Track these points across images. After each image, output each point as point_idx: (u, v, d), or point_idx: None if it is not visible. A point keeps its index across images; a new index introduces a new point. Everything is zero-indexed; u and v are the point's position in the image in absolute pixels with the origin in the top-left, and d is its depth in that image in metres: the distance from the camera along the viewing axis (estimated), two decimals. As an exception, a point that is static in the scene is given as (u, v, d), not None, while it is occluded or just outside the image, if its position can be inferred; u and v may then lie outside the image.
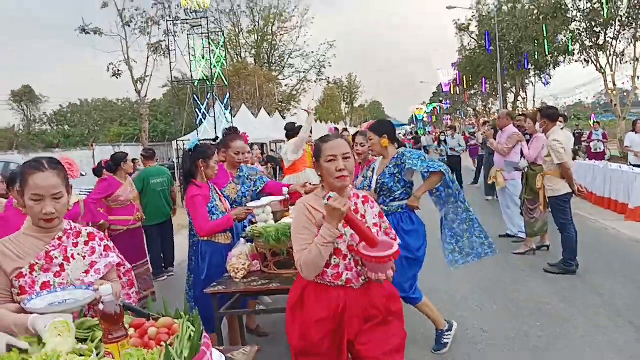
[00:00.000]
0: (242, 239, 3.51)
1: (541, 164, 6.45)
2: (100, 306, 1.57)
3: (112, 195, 5.36)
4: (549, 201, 5.91)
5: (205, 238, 3.57)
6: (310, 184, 4.34)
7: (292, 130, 6.79)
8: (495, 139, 7.69)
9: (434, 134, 53.40)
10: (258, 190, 4.11)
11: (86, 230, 2.11)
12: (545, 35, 21.77)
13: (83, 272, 2.02)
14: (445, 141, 15.09)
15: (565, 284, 5.33)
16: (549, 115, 5.89)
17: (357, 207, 2.33)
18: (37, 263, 1.95)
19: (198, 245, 3.64)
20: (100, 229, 5.30)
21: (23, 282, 1.92)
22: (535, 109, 7.41)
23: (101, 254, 2.10)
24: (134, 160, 8.18)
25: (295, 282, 2.38)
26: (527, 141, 7.05)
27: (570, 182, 5.63)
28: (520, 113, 16.59)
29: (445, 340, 3.95)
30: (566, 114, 43.85)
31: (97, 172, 6.82)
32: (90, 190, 8.86)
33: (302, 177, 6.54)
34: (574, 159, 9.16)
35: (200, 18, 16.54)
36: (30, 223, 2.02)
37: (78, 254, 2.04)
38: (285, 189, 3.88)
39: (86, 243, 2.08)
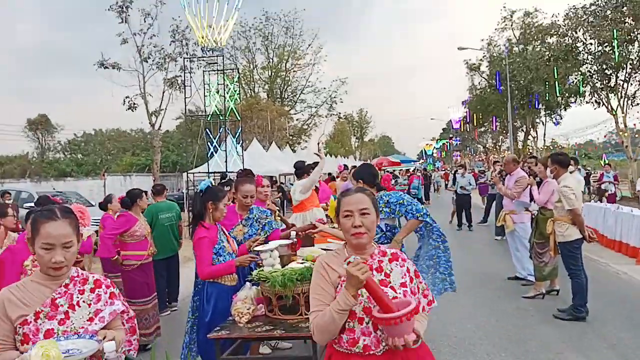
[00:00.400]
0: (247, 283, 3.50)
1: (551, 209, 6.42)
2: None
3: (129, 230, 5.42)
4: (559, 247, 5.85)
5: (211, 280, 3.57)
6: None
7: (301, 169, 6.81)
8: (503, 183, 7.70)
9: (443, 169, 53.48)
10: (266, 236, 4.10)
11: (93, 277, 2.13)
12: (556, 77, 21.93)
13: (87, 320, 2.02)
14: (455, 179, 15.17)
15: (576, 332, 5.22)
16: (559, 161, 5.89)
17: (381, 266, 2.12)
18: (42, 310, 1.96)
19: (204, 286, 3.64)
20: (114, 264, 5.32)
21: (27, 330, 1.92)
22: (546, 155, 7.44)
23: (106, 302, 2.10)
24: (145, 192, 8.30)
25: (327, 348, 2.19)
26: (538, 184, 7.04)
27: (582, 228, 5.58)
28: (531, 155, 16.58)
29: None
30: (577, 153, 43.84)
31: (102, 206, 6.90)
32: (97, 221, 8.94)
33: (309, 216, 6.52)
34: (588, 200, 9.14)
35: (217, 56, 16.90)
36: (38, 270, 2.04)
37: (83, 302, 2.05)
38: (293, 233, 3.89)
39: (92, 290, 2.09)
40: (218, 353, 3.14)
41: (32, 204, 8.23)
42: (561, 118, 29.90)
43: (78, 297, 2.04)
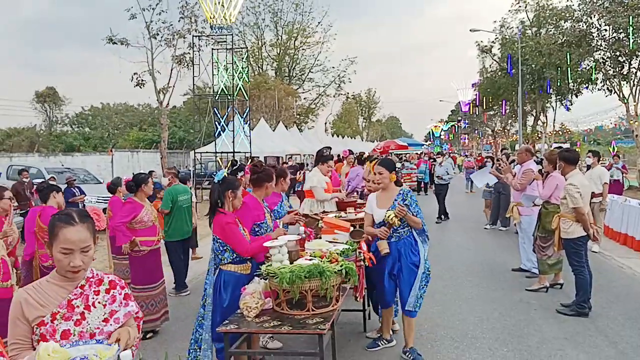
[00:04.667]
0: (256, 277, 3.56)
1: (555, 203, 6.43)
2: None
3: (137, 217, 5.43)
4: (563, 242, 5.86)
5: (226, 269, 3.75)
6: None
7: (322, 157, 6.98)
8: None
9: (450, 152, 53.14)
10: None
11: (108, 278, 2.17)
12: (569, 62, 21.64)
13: (102, 321, 2.07)
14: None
15: (579, 329, 5.26)
16: (566, 158, 5.86)
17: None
18: (58, 312, 2.00)
19: (220, 275, 3.79)
20: (131, 246, 5.39)
21: (44, 330, 1.98)
22: (552, 150, 7.40)
23: (121, 303, 2.15)
24: (151, 173, 8.41)
25: None
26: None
27: (586, 226, 5.58)
28: (503, 148, 16.35)
29: (379, 345, 4.76)
30: (585, 139, 43.16)
31: (110, 189, 6.95)
32: (107, 198, 9.09)
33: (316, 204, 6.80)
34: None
35: (225, 35, 16.75)
36: (55, 271, 2.09)
37: (99, 303, 2.09)
38: (301, 229, 3.94)
39: (107, 291, 2.14)
40: (227, 346, 3.21)
41: (42, 181, 8.36)
42: (572, 104, 29.57)
43: (93, 298, 2.09)
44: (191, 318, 5.98)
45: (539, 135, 33.55)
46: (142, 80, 20.36)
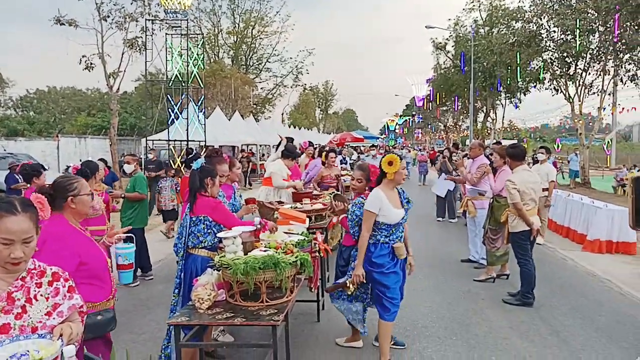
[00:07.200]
0: (209, 269, 3.48)
1: (505, 197, 6.64)
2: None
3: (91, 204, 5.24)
4: (510, 235, 6.07)
5: (195, 252, 3.89)
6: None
7: (292, 153, 7.08)
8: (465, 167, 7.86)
9: (404, 145, 54.07)
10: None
11: (51, 269, 2.06)
12: (518, 62, 22.36)
13: (45, 314, 1.97)
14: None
15: (524, 318, 5.47)
16: (512, 154, 6.07)
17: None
18: None
19: (196, 259, 3.89)
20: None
21: None
22: (502, 146, 7.64)
23: (65, 295, 2.04)
24: (100, 160, 8.23)
25: None
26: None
27: (526, 221, 5.77)
28: (497, 140, 16.85)
29: None
30: (532, 136, 44.92)
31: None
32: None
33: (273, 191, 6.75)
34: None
35: (180, 20, 16.29)
36: None
37: (41, 295, 1.98)
38: (257, 219, 3.89)
39: (50, 283, 2.02)
40: (177, 339, 3.13)
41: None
42: (520, 102, 30.65)
43: (35, 291, 1.98)
44: (139, 309, 5.86)
45: (489, 131, 34.62)
46: (91, 64, 19.52)
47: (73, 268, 2.65)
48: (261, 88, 43.55)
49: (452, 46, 34.23)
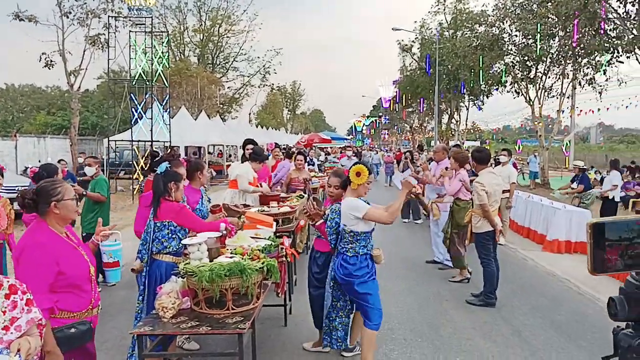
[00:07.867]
0: (173, 276, 3.42)
1: (464, 199, 6.81)
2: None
3: None
4: (474, 236, 6.19)
5: (160, 258, 3.88)
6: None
7: (259, 156, 6.94)
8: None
9: (371, 146, 54.51)
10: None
11: (8, 282, 1.97)
12: (481, 65, 22.86)
13: (2, 329, 1.88)
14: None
15: (487, 318, 5.58)
16: (477, 158, 6.20)
17: None
18: None
19: (160, 265, 3.88)
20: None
21: None
22: (455, 149, 7.81)
23: (22, 309, 1.96)
24: (60, 162, 7.95)
25: None
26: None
27: (491, 222, 5.90)
28: (456, 143, 17.20)
29: None
30: (494, 137, 46.08)
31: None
32: (12, 188, 8.37)
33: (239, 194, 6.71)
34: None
35: (145, 17, 15.97)
36: None
37: None
38: (222, 225, 3.83)
39: (7, 296, 1.93)
40: (141, 349, 3.06)
41: None
42: (483, 104, 31.35)
43: None
44: (101, 316, 5.69)
45: (453, 133, 35.27)
46: (52, 61, 18.95)
47: (52, 277, 2.61)
48: (228, 87, 43.16)
49: (418, 48, 34.71)
